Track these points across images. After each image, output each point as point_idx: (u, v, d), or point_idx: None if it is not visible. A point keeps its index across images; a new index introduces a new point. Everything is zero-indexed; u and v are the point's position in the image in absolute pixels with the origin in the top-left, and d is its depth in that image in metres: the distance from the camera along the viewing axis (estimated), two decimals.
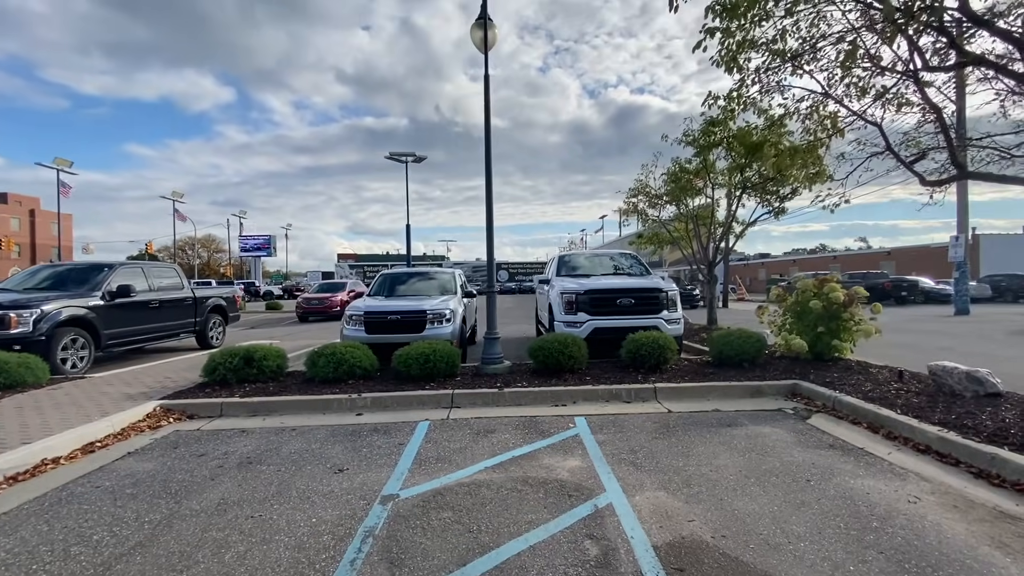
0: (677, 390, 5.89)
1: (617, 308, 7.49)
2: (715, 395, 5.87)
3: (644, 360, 6.44)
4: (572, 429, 4.89)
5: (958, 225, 19.52)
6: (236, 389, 6.12)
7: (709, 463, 3.97)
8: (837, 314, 6.50)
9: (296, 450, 4.46)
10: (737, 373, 6.35)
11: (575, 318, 7.57)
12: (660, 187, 11.49)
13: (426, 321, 7.51)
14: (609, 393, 5.83)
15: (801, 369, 6.37)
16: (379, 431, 4.94)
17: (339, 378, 6.28)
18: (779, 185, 10.22)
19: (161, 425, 5.26)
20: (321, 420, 5.35)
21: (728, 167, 10.60)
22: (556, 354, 6.33)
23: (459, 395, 5.78)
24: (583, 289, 7.65)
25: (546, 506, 3.28)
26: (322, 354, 6.34)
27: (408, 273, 9.81)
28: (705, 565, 2.58)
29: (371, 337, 7.39)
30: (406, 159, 24.56)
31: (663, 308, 7.62)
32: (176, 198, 43.36)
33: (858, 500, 3.28)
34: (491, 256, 7.03)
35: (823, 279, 6.75)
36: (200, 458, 4.31)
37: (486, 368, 6.63)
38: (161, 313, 10.23)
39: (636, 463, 3.99)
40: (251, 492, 3.57)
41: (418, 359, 6.22)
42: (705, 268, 11.08)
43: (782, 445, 4.35)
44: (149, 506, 3.38)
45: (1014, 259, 31.19)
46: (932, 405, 4.72)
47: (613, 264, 9.59)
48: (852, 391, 5.41)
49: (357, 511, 3.24)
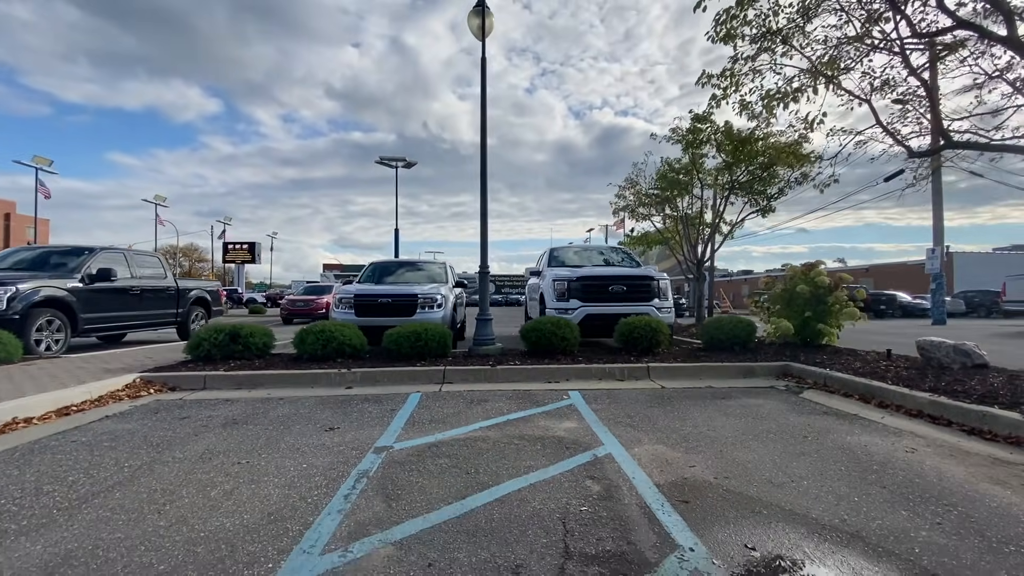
0: (670, 369, 5.87)
1: (609, 295, 7.50)
2: (708, 374, 5.87)
3: (637, 343, 6.43)
4: (566, 400, 4.83)
5: (934, 238, 20.08)
6: (221, 364, 5.95)
7: (707, 424, 3.94)
8: (823, 298, 6.59)
9: (284, 414, 4.32)
10: (729, 356, 6.37)
11: (567, 305, 7.55)
12: (650, 186, 11.63)
13: (417, 305, 7.42)
14: (602, 372, 5.79)
15: (791, 352, 6.42)
16: (370, 400, 4.82)
17: (328, 356, 6.15)
18: (766, 184, 10.43)
19: (141, 395, 5.07)
20: (310, 392, 5.21)
21: (716, 166, 10.80)
22: (549, 335, 6.29)
23: (451, 371, 5.69)
24: (575, 276, 7.65)
25: (544, 455, 3.21)
26: (311, 331, 6.21)
27: (399, 263, 9.72)
28: (709, 498, 2.54)
29: (361, 320, 7.27)
30: (396, 164, 24.57)
31: (654, 296, 7.65)
32: (159, 202, 42.67)
33: (856, 451, 3.27)
34: (484, 232, 6.98)
35: (809, 264, 6.85)
36: (183, 420, 4.15)
37: (478, 349, 6.55)
38: (142, 301, 9.95)
39: (633, 425, 3.95)
40: (237, 444, 3.44)
41: (409, 337, 6.12)
42: (694, 267, 11.20)
43: (777, 412, 4.34)
44: (129, 455, 3.23)
45: (986, 276, 32.11)
46: (922, 376, 4.77)
47: (603, 258, 9.64)
48: (842, 368, 5.46)
49: (350, 459, 3.14)
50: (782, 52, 5.63)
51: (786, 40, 5.43)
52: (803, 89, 5.64)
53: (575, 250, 9.95)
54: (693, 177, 10.80)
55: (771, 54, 5.65)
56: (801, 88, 5.65)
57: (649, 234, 13.44)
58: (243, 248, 49.80)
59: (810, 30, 5.44)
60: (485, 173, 7.06)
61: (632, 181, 12.01)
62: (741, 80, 5.96)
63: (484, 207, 7.03)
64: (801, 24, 5.30)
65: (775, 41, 5.39)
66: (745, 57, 5.72)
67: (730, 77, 5.97)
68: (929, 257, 19.88)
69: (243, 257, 49.58)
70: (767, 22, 5.36)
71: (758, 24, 5.39)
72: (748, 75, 5.88)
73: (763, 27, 5.38)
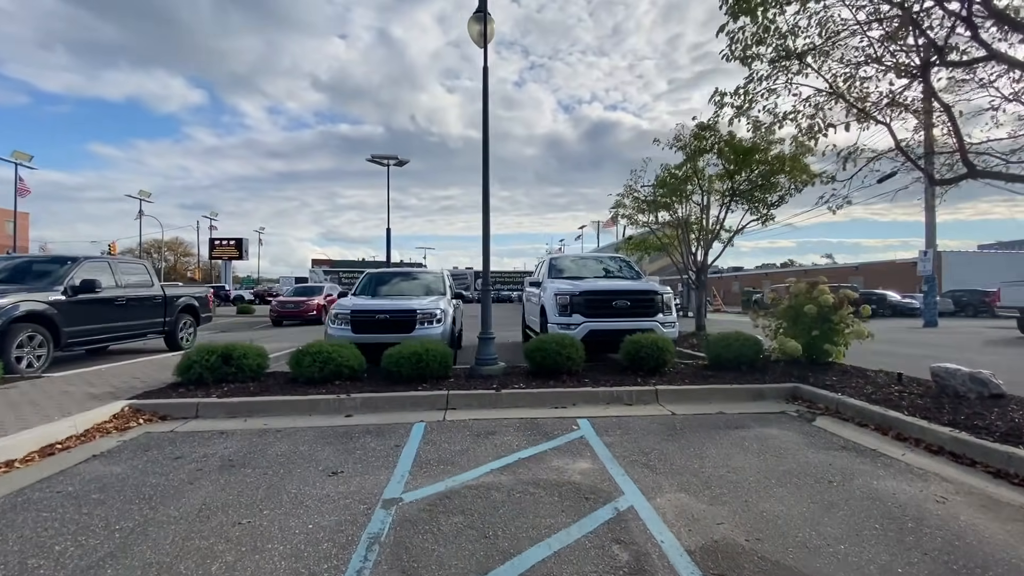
0: (679, 393, 5.75)
1: (613, 310, 7.35)
2: (717, 398, 5.75)
3: (643, 362, 6.30)
4: (576, 431, 4.67)
5: (927, 240, 20.23)
6: (213, 389, 5.71)
7: (725, 464, 3.81)
8: (828, 316, 6.50)
9: (283, 452, 4.11)
10: (736, 376, 6.26)
11: (570, 320, 7.39)
12: (648, 193, 11.49)
13: (416, 321, 7.22)
14: (610, 395, 5.65)
15: (799, 372, 6.32)
16: (372, 433, 4.63)
17: (325, 379, 5.93)
18: (767, 192, 10.34)
19: (130, 426, 4.83)
20: (307, 422, 5.00)
21: (717, 173, 10.69)
22: (553, 355, 6.13)
23: (454, 396, 5.51)
24: (578, 291, 7.49)
25: (563, 509, 3.05)
26: (307, 353, 5.99)
27: (394, 273, 9.49)
28: (746, 570, 2.39)
29: (358, 337, 7.05)
30: (387, 162, 24.20)
31: (658, 311, 7.52)
32: (143, 197, 41.76)
33: (886, 501, 3.15)
34: (487, 249, 6.79)
35: (812, 282, 6.76)
36: (176, 461, 3.93)
37: (480, 369, 6.38)
38: (128, 311, 9.63)
39: (649, 465, 3.80)
40: (236, 496, 3.24)
41: (410, 359, 5.93)
42: (694, 274, 11.10)
43: (794, 447, 4.22)
44: (120, 512, 3.01)
45: (974, 276, 32.56)
46: (938, 407, 4.68)
47: (603, 268, 9.50)
48: (854, 393, 5.37)
49: (358, 516, 2.95)
50: (797, 71, 5.50)
51: (801, 57, 5.29)
52: (818, 115, 5.52)
53: (575, 260, 9.80)
54: (694, 184, 10.67)
55: (786, 72, 5.51)
56: (817, 115, 5.53)
57: (648, 239, 13.32)
58: (230, 244, 49.04)
59: (828, 49, 5.31)
60: (487, 191, 6.86)
61: (631, 188, 11.89)
62: (755, 98, 5.82)
63: (487, 226, 6.83)
64: (822, 47, 5.16)
65: (792, 62, 5.26)
66: (759, 77, 5.58)
67: (744, 95, 5.83)
68: (921, 259, 20.05)
69: (230, 253, 48.84)
70: (786, 43, 5.21)
71: (777, 46, 5.25)
72: (763, 94, 5.75)
73: (782, 49, 5.24)
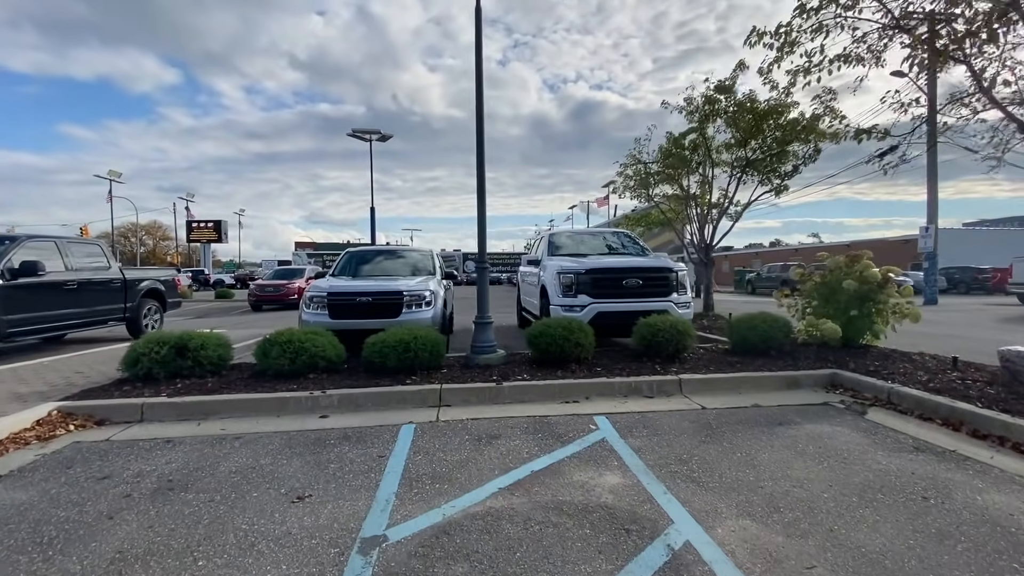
0: (705, 382, 5.04)
1: (623, 290, 6.60)
2: (748, 387, 5.06)
3: (661, 348, 5.57)
4: (595, 432, 3.94)
5: (928, 216, 19.78)
6: (165, 386, 4.88)
7: (785, 475, 3.10)
8: (871, 295, 5.81)
9: (239, 467, 3.32)
10: (765, 362, 5.57)
11: (575, 301, 6.63)
12: (654, 161, 10.62)
13: (402, 304, 6.40)
14: (628, 387, 4.92)
15: (835, 357, 5.65)
16: (351, 439, 3.85)
17: (297, 371, 5.12)
18: (780, 162, 9.59)
19: (56, 435, 3.99)
20: (274, 425, 4.20)
21: (727, 142, 9.90)
22: (561, 341, 5.38)
23: (449, 390, 4.73)
24: (584, 269, 6.71)
25: (600, 550, 2.31)
26: (276, 342, 5.16)
27: (378, 251, 8.60)
28: None
29: (336, 323, 6.23)
30: (369, 137, 22.97)
31: (673, 290, 6.79)
32: (113, 178, 39.80)
33: (1007, 524, 2.46)
34: (483, 221, 5.95)
35: (854, 255, 6.05)
36: (102, 482, 3.12)
37: (478, 358, 5.60)
38: (82, 296, 8.67)
39: (694, 477, 3.08)
40: (166, 537, 2.45)
41: (396, 348, 5.13)
42: (702, 252, 10.38)
43: (858, 449, 3.53)
44: (3, 566, 2.21)
45: (965, 253, 32.43)
46: (1016, 397, 4.03)
47: (607, 244, 8.72)
48: (907, 381, 4.71)
49: (327, 566, 2.19)
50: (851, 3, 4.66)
51: None
52: (879, 48, 4.71)
53: (576, 236, 9.00)
54: (704, 154, 9.87)
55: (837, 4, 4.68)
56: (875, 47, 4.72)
57: (651, 214, 12.54)
58: (208, 226, 47.30)
59: None
60: (482, 165, 6.00)
61: (635, 158, 11.02)
62: (798, 39, 4.99)
63: (482, 198, 5.99)
64: None
65: None
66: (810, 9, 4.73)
67: (785, 36, 5.00)
68: (923, 235, 19.60)
69: (208, 236, 47.14)
70: None
71: None
72: (807, 33, 4.92)
73: None
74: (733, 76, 8.92)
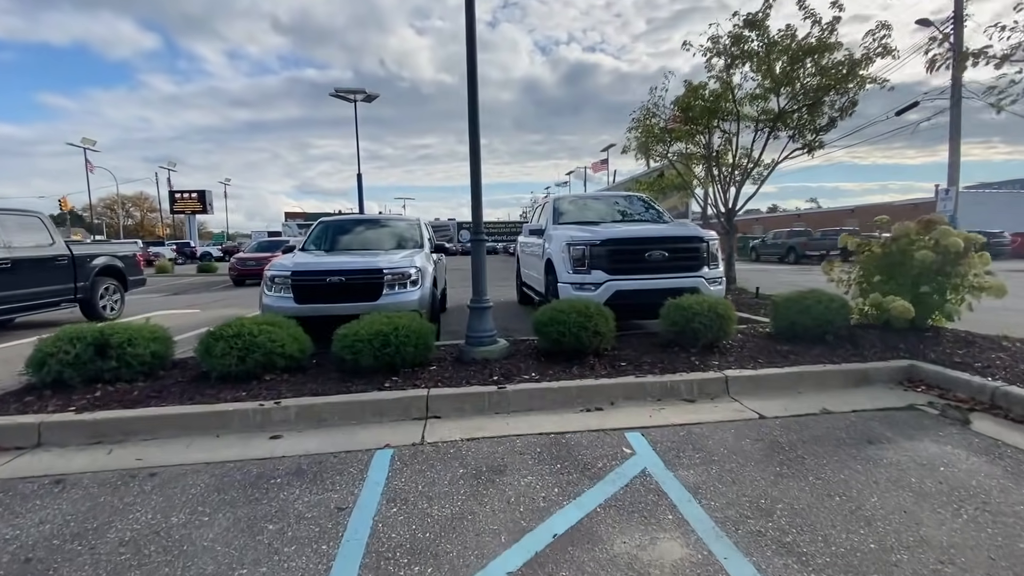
0: (755, 380, 4.07)
1: (646, 264, 5.56)
2: (808, 385, 4.11)
3: (697, 335, 4.58)
4: (631, 459, 2.98)
5: (949, 178, 18.71)
6: (80, 394, 3.86)
7: (917, 538, 2.15)
8: (946, 268, 4.81)
9: (138, 531, 2.34)
10: (822, 351, 4.61)
11: (588, 278, 5.59)
12: (672, 108, 9.34)
13: (383, 284, 5.34)
14: (662, 388, 3.95)
15: (905, 344, 4.69)
16: (305, 475, 2.86)
17: (249, 373, 4.10)
18: (815, 115, 8.42)
19: None
20: (209, 451, 3.21)
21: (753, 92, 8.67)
22: (576, 329, 4.37)
23: (438, 397, 3.74)
24: (599, 239, 5.65)
25: None
26: (222, 336, 4.12)
27: (357, 220, 7.45)
28: None
29: (303, 308, 5.19)
30: (354, 98, 21.34)
31: (703, 264, 5.76)
32: (87, 146, 37.75)
33: None
34: (477, 179, 4.82)
35: (927, 220, 5.01)
36: None
37: (473, 351, 4.59)
38: (19, 277, 7.58)
39: (789, 545, 2.13)
40: None
41: (371, 341, 4.11)
42: (723, 217, 9.31)
43: (995, 486, 2.58)
44: None
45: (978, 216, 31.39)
46: None
47: (619, 210, 7.60)
48: (1011, 377, 3.75)
49: None
50: None
51: None
52: None
53: (584, 200, 7.87)
54: (729, 104, 8.64)
55: None
56: None
57: (665, 176, 11.35)
58: (192, 197, 45.51)
59: None
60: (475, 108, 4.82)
61: (650, 111, 9.76)
62: None
63: (477, 164, 4.84)
64: None
65: None
66: None
67: None
68: (943, 198, 18.57)
69: (192, 207, 45.41)
70: None
71: None
72: None
73: None
74: (766, 6, 7.65)
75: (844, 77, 7.80)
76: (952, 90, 18.04)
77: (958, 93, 18.24)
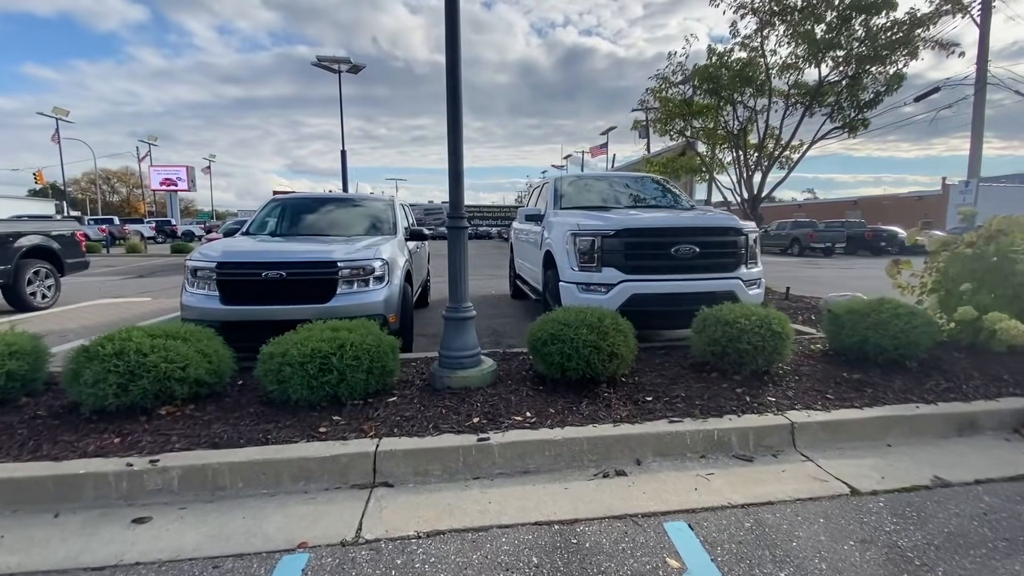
0: (830, 428, 3.00)
1: (671, 261, 4.42)
2: (897, 434, 3.04)
3: (743, 358, 3.49)
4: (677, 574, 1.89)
5: (970, 170, 17.64)
6: None
7: None
8: None
9: None
10: (905, 382, 3.54)
11: (598, 277, 4.47)
12: (691, 75, 8.11)
13: (337, 280, 4.18)
14: (706, 439, 2.86)
15: (1010, 374, 3.63)
16: None
17: (135, 405, 2.96)
18: (857, 89, 7.27)
19: None
20: (22, 551, 2.09)
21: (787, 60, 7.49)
22: (587, 351, 3.26)
23: (391, 455, 2.62)
24: (613, 228, 4.50)
25: None
26: (96, 355, 2.96)
27: (318, 199, 6.21)
28: None
29: (231, 311, 4.02)
30: (339, 68, 19.80)
31: (741, 263, 4.64)
32: (59, 116, 35.66)
33: None
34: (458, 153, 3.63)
35: None
36: None
37: (449, 376, 3.45)
38: None
39: None
40: None
41: (305, 365, 2.98)
42: (748, 205, 8.18)
43: None
44: None
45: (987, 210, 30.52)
46: None
47: (632, 193, 6.42)
48: None
49: None
50: None
51: None
52: None
53: (591, 182, 6.68)
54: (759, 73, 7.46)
55: None
56: None
57: (681, 157, 10.15)
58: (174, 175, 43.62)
59: None
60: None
61: (668, 81, 8.50)
62: None
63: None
64: None
65: None
66: None
67: None
68: (962, 190, 17.51)
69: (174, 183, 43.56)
70: None
71: None
72: None
73: None
74: None
75: (898, 42, 6.64)
76: (977, 73, 16.99)
77: (983, 79, 17.21)
